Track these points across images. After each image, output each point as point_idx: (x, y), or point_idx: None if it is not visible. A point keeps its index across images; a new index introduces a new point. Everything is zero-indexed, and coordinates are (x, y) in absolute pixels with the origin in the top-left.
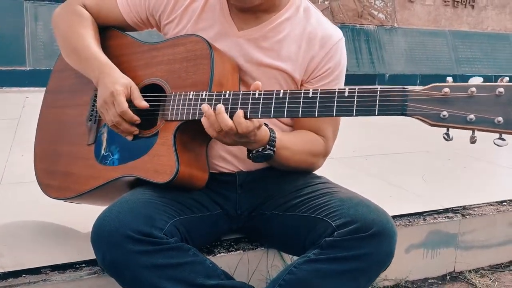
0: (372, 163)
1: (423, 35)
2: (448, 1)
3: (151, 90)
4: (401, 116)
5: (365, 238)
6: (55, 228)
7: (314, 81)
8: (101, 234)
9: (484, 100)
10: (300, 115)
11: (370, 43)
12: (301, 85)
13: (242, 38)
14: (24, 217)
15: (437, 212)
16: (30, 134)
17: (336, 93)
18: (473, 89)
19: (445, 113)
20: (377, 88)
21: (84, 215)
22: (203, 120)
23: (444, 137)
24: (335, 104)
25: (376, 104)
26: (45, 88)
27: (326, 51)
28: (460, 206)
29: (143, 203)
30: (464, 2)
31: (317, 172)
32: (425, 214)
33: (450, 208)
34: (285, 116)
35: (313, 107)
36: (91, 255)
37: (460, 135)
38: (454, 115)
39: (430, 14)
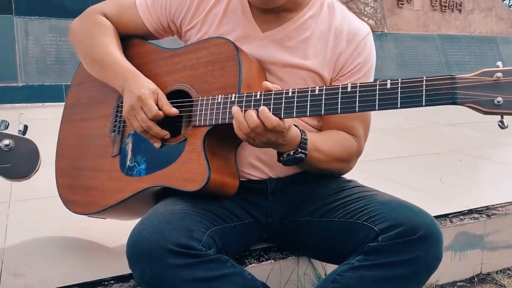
0: (385, 166)
1: (413, 39)
2: (436, 6)
3: (175, 97)
4: (407, 119)
5: (412, 241)
6: (75, 244)
7: (343, 78)
8: (140, 249)
9: None
10: (339, 111)
11: None
12: (330, 83)
13: (266, 39)
14: (40, 234)
15: (462, 213)
16: None
17: (378, 85)
18: None
19: (499, 99)
20: (423, 77)
21: (106, 229)
22: (234, 122)
23: (499, 125)
24: (377, 97)
25: (422, 94)
26: (38, 103)
27: (355, 47)
28: (484, 207)
29: (179, 214)
30: (451, 6)
31: (346, 176)
32: (451, 215)
33: (474, 209)
34: (322, 113)
35: (353, 102)
36: (119, 270)
37: (467, 136)
38: (510, 100)
39: (419, 19)
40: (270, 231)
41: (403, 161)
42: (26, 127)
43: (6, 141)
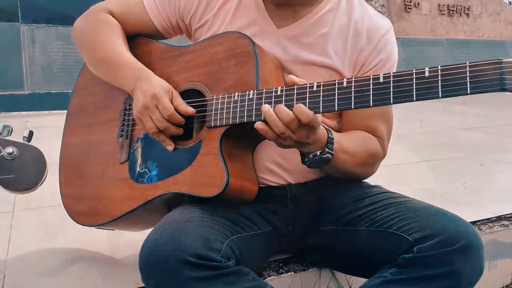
0: (403, 172)
1: (421, 44)
2: (444, 10)
3: (188, 97)
4: (419, 123)
5: (453, 252)
6: (82, 256)
7: None
8: (154, 260)
9: None
10: (372, 104)
11: None
12: None
13: (281, 36)
14: (44, 245)
15: (491, 220)
16: None
17: (414, 74)
18: None
19: None
20: (466, 63)
21: (116, 240)
22: (261, 125)
23: None
24: (414, 87)
25: (467, 81)
26: (45, 111)
27: (375, 43)
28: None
29: (196, 222)
30: (459, 10)
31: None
32: (479, 223)
33: (502, 215)
34: (352, 107)
35: (386, 93)
36: (130, 284)
37: (484, 140)
38: None
39: (427, 24)
40: (290, 241)
41: (421, 166)
42: (31, 133)
43: (10, 149)
